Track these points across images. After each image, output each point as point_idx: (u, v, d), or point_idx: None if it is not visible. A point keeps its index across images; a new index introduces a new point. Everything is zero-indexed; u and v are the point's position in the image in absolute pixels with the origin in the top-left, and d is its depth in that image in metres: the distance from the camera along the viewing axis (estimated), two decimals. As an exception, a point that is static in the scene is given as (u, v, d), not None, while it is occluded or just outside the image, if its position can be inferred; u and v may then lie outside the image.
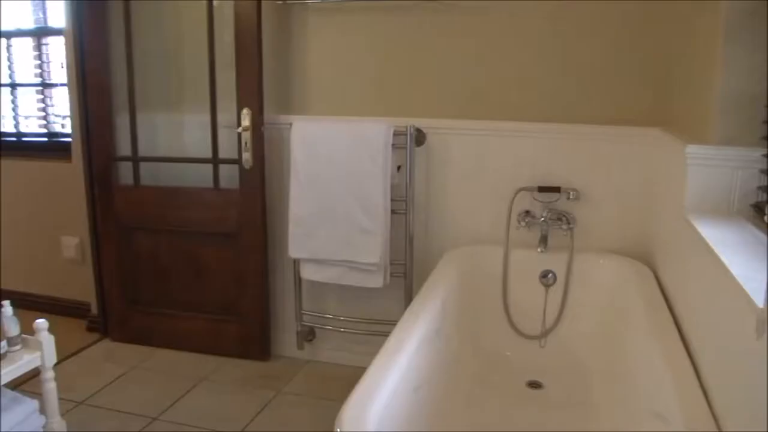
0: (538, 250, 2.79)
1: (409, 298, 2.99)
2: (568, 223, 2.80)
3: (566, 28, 2.76)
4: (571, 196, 2.80)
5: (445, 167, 3.00)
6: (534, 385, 2.62)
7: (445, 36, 2.91)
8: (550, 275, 2.82)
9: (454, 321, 2.59)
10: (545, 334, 2.80)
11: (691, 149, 2.03)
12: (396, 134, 2.90)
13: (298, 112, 3.17)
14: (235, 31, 3.03)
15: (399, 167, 2.97)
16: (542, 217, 2.82)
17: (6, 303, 2.43)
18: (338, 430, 1.53)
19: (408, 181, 2.95)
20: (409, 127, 2.90)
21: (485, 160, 2.94)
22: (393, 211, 2.96)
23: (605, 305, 2.68)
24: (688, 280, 2.09)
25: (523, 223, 2.88)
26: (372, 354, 1.94)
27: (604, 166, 2.80)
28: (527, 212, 2.88)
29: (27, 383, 2.87)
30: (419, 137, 2.95)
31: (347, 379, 3.07)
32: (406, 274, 3.03)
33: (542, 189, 2.82)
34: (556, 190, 2.80)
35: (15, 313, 2.44)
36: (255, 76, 3.03)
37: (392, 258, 3.00)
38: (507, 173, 2.91)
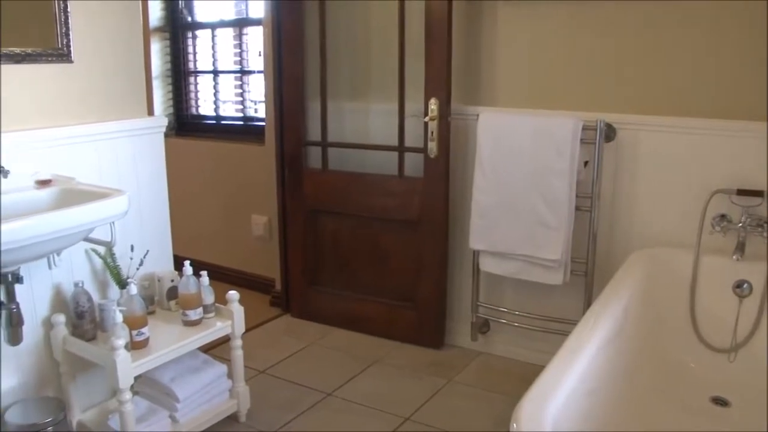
0: (734, 257, 2.62)
1: (588, 298, 2.91)
2: (771, 231, 2.60)
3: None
4: (775, 202, 2.59)
5: (635, 164, 2.87)
6: (719, 401, 2.47)
7: (637, 28, 2.78)
8: (745, 285, 2.62)
9: (637, 325, 2.48)
10: (736, 348, 2.62)
11: None
12: (585, 129, 2.81)
13: (484, 104, 3.16)
14: (426, 23, 3.06)
15: (586, 163, 2.88)
16: (740, 222, 2.63)
17: (204, 273, 2.62)
18: (514, 425, 1.51)
19: (595, 177, 2.86)
20: (598, 122, 2.81)
21: (678, 159, 2.78)
22: (577, 208, 2.88)
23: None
24: None
25: (717, 228, 2.70)
26: (546, 351, 1.91)
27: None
28: (723, 216, 2.69)
29: (215, 349, 3.08)
30: (609, 132, 2.85)
31: (519, 374, 3.06)
32: (587, 273, 2.94)
33: (742, 192, 2.63)
34: (759, 194, 2.60)
35: (210, 284, 2.63)
36: (444, 67, 3.05)
37: (573, 255, 2.92)
38: (702, 173, 2.74)
